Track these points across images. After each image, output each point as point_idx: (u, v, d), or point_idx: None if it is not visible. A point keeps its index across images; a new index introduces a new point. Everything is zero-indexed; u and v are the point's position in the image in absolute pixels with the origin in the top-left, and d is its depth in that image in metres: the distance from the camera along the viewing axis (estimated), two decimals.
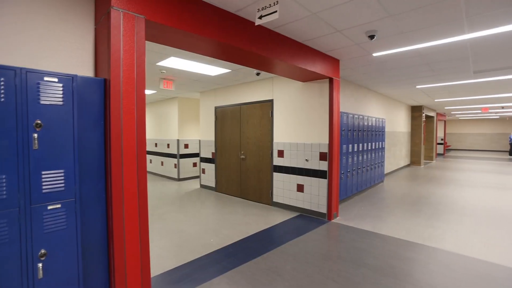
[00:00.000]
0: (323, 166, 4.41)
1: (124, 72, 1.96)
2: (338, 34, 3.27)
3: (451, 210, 4.89)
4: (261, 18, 2.56)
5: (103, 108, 2.00)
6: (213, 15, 2.57)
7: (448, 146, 21.28)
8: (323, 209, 4.42)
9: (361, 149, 5.90)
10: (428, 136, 13.33)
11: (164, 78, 5.48)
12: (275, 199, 5.17)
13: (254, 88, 5.60)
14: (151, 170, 9.34)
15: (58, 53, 2.00)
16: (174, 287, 2.51)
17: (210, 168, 6.72)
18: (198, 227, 4.07)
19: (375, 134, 6.73)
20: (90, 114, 1.94)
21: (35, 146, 1.70)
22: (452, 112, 14.41)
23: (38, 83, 1.71)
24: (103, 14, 2.00)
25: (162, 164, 8.69)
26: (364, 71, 5.08)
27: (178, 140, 7.96)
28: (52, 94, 1.76)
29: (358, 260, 3.01)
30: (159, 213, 4.78)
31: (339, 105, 4.46)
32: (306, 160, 4.63)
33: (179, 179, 7.97)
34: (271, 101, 5.24)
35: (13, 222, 1.62)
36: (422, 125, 11.23)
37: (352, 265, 2.90)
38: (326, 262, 2.96)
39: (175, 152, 8.04)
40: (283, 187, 5.01)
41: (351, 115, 5.51)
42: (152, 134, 9.36)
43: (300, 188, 4.75)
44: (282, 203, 5.05)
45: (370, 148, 6.39)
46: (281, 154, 5.05)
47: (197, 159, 8.39)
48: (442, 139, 17.62)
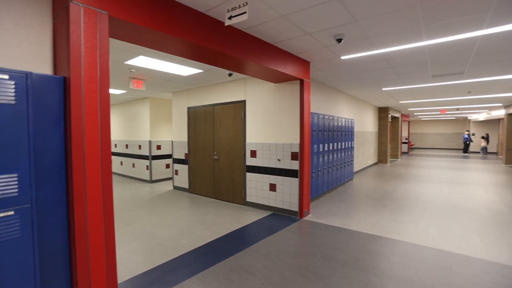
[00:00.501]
0: (295, 165, 4.51)
1: (86, 70, 1.87)
2: (308, 36, 3.37)
3: (413, 204, 5.21)
4: (230, 18, 2.57)
5: (63, 107, 1.90)
6: (182, 14, 2.54)
7: (411, 145, 22.64)
8: (295, 207, 4.52)
9: (331, 148, 6.11)
10: (393, 135, 14.09)
11: (133, 78, 5.30)
12: (249, 199, 5.20)
13: (227, 88, 5.59)
14: (122, 172, 8.98)
15: (10, 48, 1.86)
16: None
17: (183, 169, 6.60)
18: (170, 229, 3.99)
19: (345, 134, 7.00)
20: (48, 114, 1.83)
21: None
22: (415, 113, 15.37)
23: None
24: (62, 8, 1.90)
25: (134, 166, 8.39)
26: (333, 73, 5.26)
27: (150, 141, 7.73)
28: (2, 93, 1.64)
29: (328, 255, 3.12)
30: (130, 216, 4.62)
31: (310, 106, 4.58)
32: (278, 160, 4.71)
33: (152, 181, 7.74)
34: (244, 101, 5.26)
35: None
36: (388, 125, 11.85)
37: (321, 260, 3.00)
38: (297, 259, 3.04)
39: (147, 153, 7.80)
40: (256, 187, 5.06)
41: (322, 116, 5.69)
42: (122, 135, 9.00)
43: (272, 187, 4.82)
44: (255, 203, 5.09)
45: (340, 147, 6.63)
46: (253, 154, 5.09)
47: (170, 160, 8.19)
48: (406, 139, 18.71)
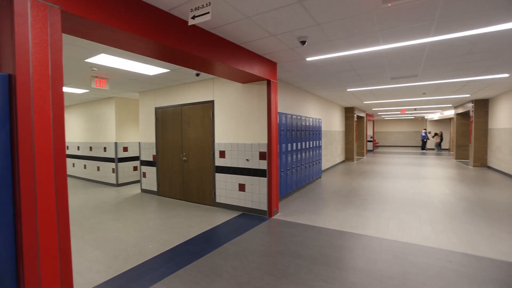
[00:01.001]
0: (263, 165, 4.57)
1: (34, 68, 1.75)
2: (273, 38, 3.43)
3: (376, 200, 5.52)
4: (194, 18, 2.54)
5: (9, 107, 1.76)
6: (144, 12, 2.47)
7: (376, 143, 23.92)
8: (264, 206, 4.58)
9: (299, 147, 6.27)
10: (359, 134, 14.80)
11: (96, 76, 5.04)
12: (218, 200, 5.17)
13: (195, 88, 5.51)
14: (86, 176, 8.47)
15: None
16: None
17: (151, 171, 6.40)
18: (136, 234, 3.85)
19: (313, 133, 7.22)
20: None
21: None
22: (378, 113, 16.26)
23: None
24: None
25: (98, 169, 7.96)
26: (300, 74, 5.41)
27: (116, 143, 7.39)
28: None
29: (295, 252, 3.20)
30: (93, 222, 4.38)
31: (277, 106, 4.67)
32: (247, 159, 4.74)
33: (118, 185, 7.40)
34: (212, 102, 5.23)
35: None
36: (354, 124, 12.42)
37: (288, 257, 3.07)
38: (265, 258, 3.08)
39: (113, 155, 7.45)
40: (226, 187, 5.05)
41: (290, 116, 5.82)
42: (86, 137, 8.50)
43: (241, 187, 4.83)
44: (225, 203, 5.08)
45: (308, 146, 6.83)
46: (222, 154, 5.07)
47: (137, 163, 7.89)
48: (371, 137, 19.74)
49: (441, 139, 18.74)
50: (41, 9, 1.79)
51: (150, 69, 4.49)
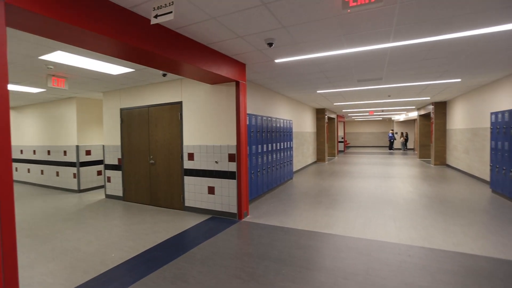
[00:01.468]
0: (232, 167, 4.53)
1: None
2: (240, 39, 3.41)
3: (345, 199, 5.70)
4: (156, 17, 2.46)
5: None
6: (104, 9, 2.34)
7: (347, 143, 24.80)
8: (234, 209, 4.54)
9: (270, 149, 6.31)
10: (330, 135, 15.25)
11: (53, 75, 4.71)
12: (187, 204, 5.04)
13: (162, 89, 5.34)
14: (43, 182, 7.88)
15: None
16: None
17: (116, 175, 6.10)
18: (99, 243, 3.63)
19: (284, 134, 7.31)
20: None
21: None
22: (348, 114, 16.90)
23: None
24: None
25: (58, 174, 7.44)
26: (269, 76, 5.45)
27: (78, 146, 6.96)
28: None
29: (263, 254, 3.20)
30: (48, 232, 4.07)
31: (246, 107, 4.65)
32: (216, 162, 4.68)
33: (80, 191, 6.97)
34: (180, 103, 5.10)
35: None
36: (325, 126, 12.77)
37: (257, 260, 3.06)
38: (233, 261, 3.05)
39: (74, 159, 7.01)
40: (195, 191, 4.94)
41: (260, 117, 5.84)
42: (43, 140, 7.91)
43: (211, 190, 4.76)
44: (194, 207, 4.96)
45: (279, 148, 6.89)
46: (191, 157, 4.96)
47: (101, 167, 7.49)
48: (342, 138, 20.42)
49: (406, 139, 19.87)
50: None
51: (113, 68, 4.28)
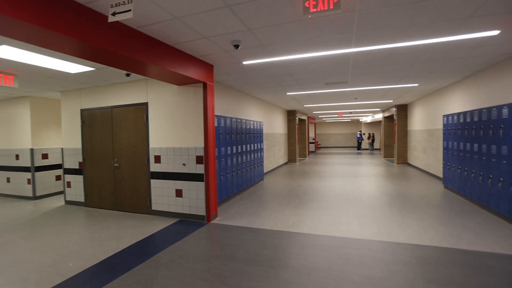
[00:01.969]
0: (200, 169, 4.47)
1: None
2: (206, 40, 3.38)
3: (313, 198, 5.86)
4: (114, 15, 2.36)
5: None
6: (57, 4, 2.19)
7: (318, 144, 25.55)
8: (202, 211, 4.48)
9: (240, 150, 6.31)
10: (301, 136, 15.61)
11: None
12: (154, 207, 4.89)
13: (127, 89, 5.14)
14: None
15: None
16: None
17: (77, 180, 5.74)
18: (55, 252, 3.40)
19: (254, 136, 7.35)
20: None
21: None
22: (319, 116, 17.42)
23: None
24: None
25: (8, 180, 6.84)
26: (238, 77, 5.46)
27: (33, 149, 6.46)
28: None
29: (230, 255, 3.19)
30: None
31: (214, 109, 4.61)
32: (184, 164, 4.59)
33: (36, 197, 6.47)
34: (146, 104, 4.93)
35: None
36: (296, 127, 13.05)
37: (224, 261, 3.04)
38: (200, 263, 3.00)
39: (28, 164, 6.49)
40: (162, 194, 4.80)
41: (230, 119, 5.82)
42: None
43: (179, 193, 4.65)
44: (161, 211, 4.82)
45: (249, 149, 6.92)
46: (158, 159, 4.82)
47: (60, 171, 7.01)
48: (313, 139, 20.99)
49: (373, 140, 20.89)
50: None
51: (71, 66, 4.03)
